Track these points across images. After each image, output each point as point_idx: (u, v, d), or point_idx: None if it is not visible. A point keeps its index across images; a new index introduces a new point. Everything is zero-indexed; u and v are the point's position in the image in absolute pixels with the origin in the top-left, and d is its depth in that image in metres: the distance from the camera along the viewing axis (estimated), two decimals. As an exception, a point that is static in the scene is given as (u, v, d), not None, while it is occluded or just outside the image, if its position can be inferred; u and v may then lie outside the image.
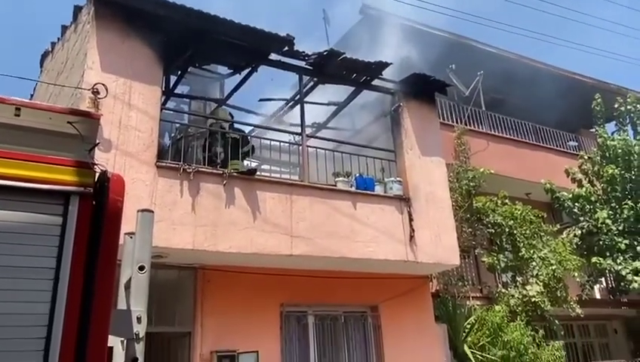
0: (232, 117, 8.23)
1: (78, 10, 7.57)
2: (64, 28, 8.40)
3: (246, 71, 7.94)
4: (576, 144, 15.26)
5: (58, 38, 8.90)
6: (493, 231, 10.86)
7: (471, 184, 11.13)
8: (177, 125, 8.12)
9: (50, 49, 9.50)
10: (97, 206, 2.03)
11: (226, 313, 7.00)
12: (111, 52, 6.61)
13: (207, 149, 7.20)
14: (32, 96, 9.61)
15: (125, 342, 2.23)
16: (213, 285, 7.07)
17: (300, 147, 8.00)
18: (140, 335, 2.20)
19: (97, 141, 2.29)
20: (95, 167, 2.07)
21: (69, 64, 7.73)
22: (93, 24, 6.66)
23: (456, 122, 12.68)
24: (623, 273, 10.98)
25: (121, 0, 6.74)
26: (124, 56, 6.69)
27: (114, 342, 2.36)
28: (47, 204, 1.96)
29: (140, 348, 2.20)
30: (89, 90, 6.09)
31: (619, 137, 12.52)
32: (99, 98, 6.10)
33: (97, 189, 2.04)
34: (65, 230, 1.92)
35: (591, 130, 13.49)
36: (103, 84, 6.18)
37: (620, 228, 11.59)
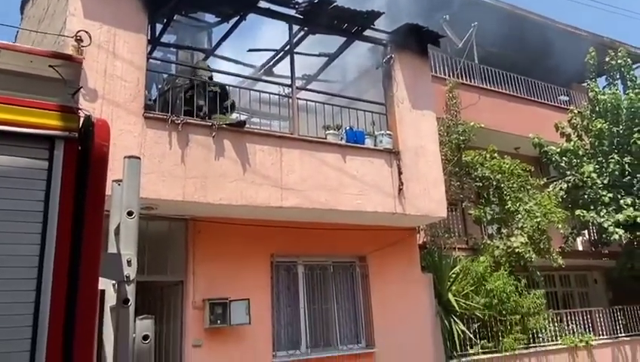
0: (209, 66, 7.98)
1: (57, -48, 7.23)
2: (43, -28, 8.05)
3: (234, 19, 7.71)
4: (568, 99, 15.24)
5: (38, -17, 8.56)
6: (480, 184, 11.03)
7: (461, 138, 11.17)
8: (165, 76, 7.94)
9: (30, -5, 9.15)
10: (83, 151, 2.03)
11: (217, 263, 7.14)
12: (93, -2, 6.37)
13: (191, 102, 7.09)
14: (13, 44, 9.31)
15: (117, 284, 2.28)
16: (204, 236, 7.17)
17: (290, 99, 7.91)
18: (131, 278, 2.24)
19: (80, 85, 2.25)
20: (79, 111, 2.04)
21: (51, 10, 7.47)
22: (73, -33, 6.37)
23: (449, 75, 12.56)
24: (605, 225, 11.23)
25: (101, -58, 6.43)
26: (108, 3, 6.45)
27: (106, 285, 2.42)
28: (32, 148, 1.95)
29: (131, 290, 2.25)
30: (72, 37, 5.89)
31: (609, 92, 12.49)
32: (82, 46, 5.90)
33: (82, 134, 2.02)
34: (51, 174, 1.92)
35: (583, 85, 13.44)
36: (87, 32, 5.97)
37: (605, 181, 11.77)
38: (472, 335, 9.18)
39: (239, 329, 6.98)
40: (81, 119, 2.03)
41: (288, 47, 8.17)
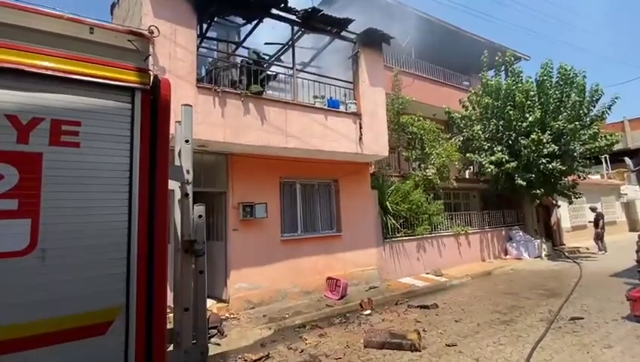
0: (255, 52, 7.47)
1: (131, -32, 6.50)
2: (123, -17, 7.26)
3: (255, 21, 7.17)
4: (468, 83, 14.84)
5: (120, -9, 7.75)
6: (410, 137, 10.96)
7: (400, 107, 10.94)
8: (210, 60, 7.48)
9: (116, 1, 8.30)
10: (154, 99, 1.95)
11: (246, 181, 7.17)
12: (159, 3, 5.81)
13: (239, 77, 6.73)
14: (107, 35, 8.56)
15: (181, 184, 2.30)
16: (238, 165, 7.14)
17: (292, 78, 7.58)
18: (189, 181, 2.26)
19: (149, 54, 2.10)
20: (150, 71, 1.94)
21: (131, 12, 6.83)
22: (144, -20, 5.75)
23: (394, 65, 12.06)
24: (484, 163, 11.40)
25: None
26: (170, 7, 5.92)
27: (174, 186, 2.43)
28: (122, 95, 1.88)
29: (190, 188, 2.28)
30: (146, 30, 5.47)
31: (495, 80, 12.17)
32: (153, 36, 5.50)
33: (153, 87, 1.94)
34: (134, 112, 1.87)
35: (479, 75, 13.03)
36: (156, 27, 5.54)
37: (486, 136, 11.78)
38: (398, 226, 9.53)
39: (260, 220, 7.16)
40: (151, 77, 1.94)
41: (291, 42, 7.69)
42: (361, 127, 8.02)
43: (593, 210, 13.42)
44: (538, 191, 11.48)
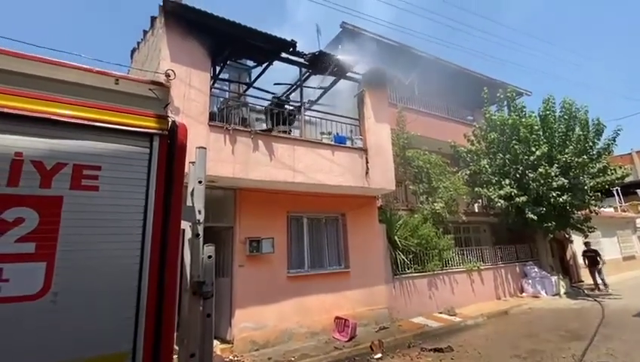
0: (277, 99, 7.84)
1: (153, 19, 7.06)
2: (145, 32, 7.86)
3: (265, 64, 7.59)
4: (472, 118, 15.12)
5: (142, 39, 8.34)
6: (416, 170, 11.01)
7: (405, 141, 11.11)
8: (221, 99, 7.84)
9: (136, 46, 8.92)
10: (171, 143, 2.03)
11: (253, 216, 7.18)
12: (176, 48, 6.25)
13: (272, 119, 7.09)
14: (126, 78, 9.08)
15: (192, 224, 2.32)
16: (246, 199, 7.20)
17: (300, 115, 7.86)
18: (200, 221, 2.27)
19: (169, 102, 2.23)
20: (168, 118, 2.04)
21: (149, 56, 7.31)
22: (164, 29, 6.23)
23: (399, 102, 12.45)
24: (492, 197, 11.28)
25: (182, 13, 6.28)
26: (186, 52, 6.34)
27: (185, 225, 2.45)
28: (141, 140, 1.95)
29: (200, 228, 2.28)
30: (163, 73, 5.83)
31: (499, 115, 12.39)
32: (170, 79, 5.85)
33: (170, 132, 2.03)
34: (151, 157, 1.93)
35: (482, 109, 13.33)
36: (172, 70, 5.90)
37: (494, 170, 11.79)
38: (408, 262, 9.30)
39: (267, 256, 7.07)
40: (169, 123, 2.03)
41: (299, 82, 8.06)
42: (367, 162, 8.12)
43: (587, 245, 12.88)
44: (550, 225, 11.20)
